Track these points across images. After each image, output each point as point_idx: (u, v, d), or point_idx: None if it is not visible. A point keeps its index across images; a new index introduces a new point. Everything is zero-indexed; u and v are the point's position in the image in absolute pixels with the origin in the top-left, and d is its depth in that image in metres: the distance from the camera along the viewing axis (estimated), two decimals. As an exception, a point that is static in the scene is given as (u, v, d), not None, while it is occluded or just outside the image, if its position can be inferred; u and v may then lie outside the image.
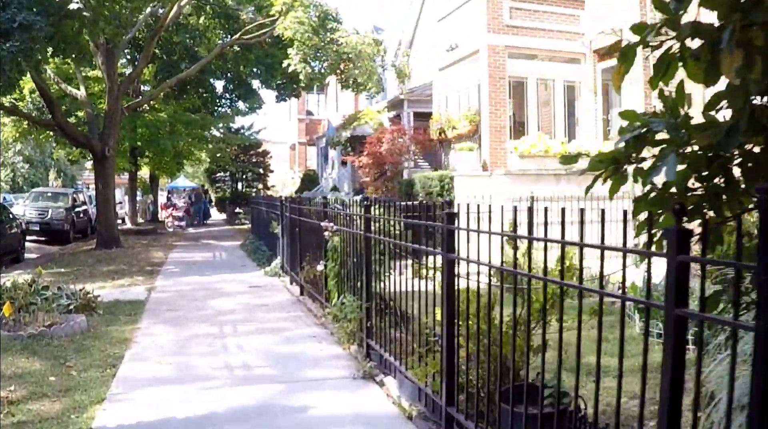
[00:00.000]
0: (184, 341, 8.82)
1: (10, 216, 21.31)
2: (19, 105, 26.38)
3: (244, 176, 45.96)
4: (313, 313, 10.49)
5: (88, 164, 42.98)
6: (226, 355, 8.07)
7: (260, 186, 45.49)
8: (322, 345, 8.47)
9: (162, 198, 46.34)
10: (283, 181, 48.52)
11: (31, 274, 11.36)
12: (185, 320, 10.25)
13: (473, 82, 19.70)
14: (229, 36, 28.07)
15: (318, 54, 22.76)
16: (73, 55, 17.71)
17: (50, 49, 16.48)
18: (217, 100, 35.24)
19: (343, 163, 33.09)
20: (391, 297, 7.01)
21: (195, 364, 7.65)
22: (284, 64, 23.40)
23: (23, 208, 27.06)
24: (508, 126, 18.52)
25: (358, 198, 12.71)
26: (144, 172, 41.90)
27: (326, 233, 9.24)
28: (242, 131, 42.32)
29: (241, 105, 35.29)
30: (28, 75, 19.91)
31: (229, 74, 32.47)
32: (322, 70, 24.39)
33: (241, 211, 42.51)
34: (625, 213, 3.12)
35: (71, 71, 26.03)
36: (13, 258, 19.86)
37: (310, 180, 38.99)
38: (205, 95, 33.91)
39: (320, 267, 9.54)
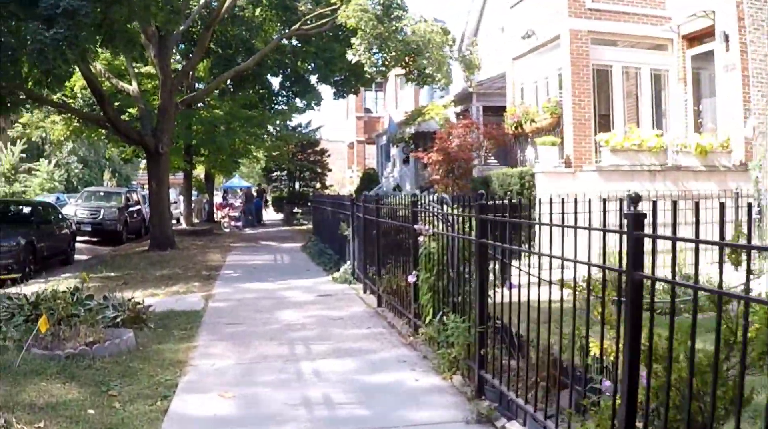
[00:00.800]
0: (249, 365, 7.38)
1: (60, 216, 20.69)
2: (69, 103, 25.69)
3: (301, 175, 44.95)
4: (397, 329, 8.91)
5: (142, 164, 42.43)
6: (302, 386, 6.59)
7: (318, 185, 44.42)
8: (416, 373, 6.91)
9: (217, 198, 45.50)
10: (340, 181, 47.58)
11: (77, 278, 10.17)
12: (249, 337, 8.79)
13: (552, 72, 18.36)
14: (287, 28, 26.98)
15: (383, 45, 21.43)
16: (123, 45, 16.56)
17: (98, 38, 15.30)
18: (274, 97, 34.27)
19: (405, 161, 31.75)
20: (507, 318, 5.51)
21: (264, 398, 6.20)
22: (347, 55, 22.17)
23: (74, 208, 26.51)
24: (593, 118, 17.01)
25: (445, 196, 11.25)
26: (199, 172, 41.03)
27: (420, 238, 7.69)
28: (300, 129, 41.37)
29: (298, 102, 34.21)
30: (78, 71, 19.02)
31: (286, 70, 31.49)
32: (386, 62, 23.06)
33: (299, 211, 41.31)
34: (749, 208, 1.97)
35: (123, 67, 25.36)
36: (62, 259, 19.14)
37: (369, 179, 37.57)
38: (261, 91, 33.01)
39: (412, 278, 7.95)
